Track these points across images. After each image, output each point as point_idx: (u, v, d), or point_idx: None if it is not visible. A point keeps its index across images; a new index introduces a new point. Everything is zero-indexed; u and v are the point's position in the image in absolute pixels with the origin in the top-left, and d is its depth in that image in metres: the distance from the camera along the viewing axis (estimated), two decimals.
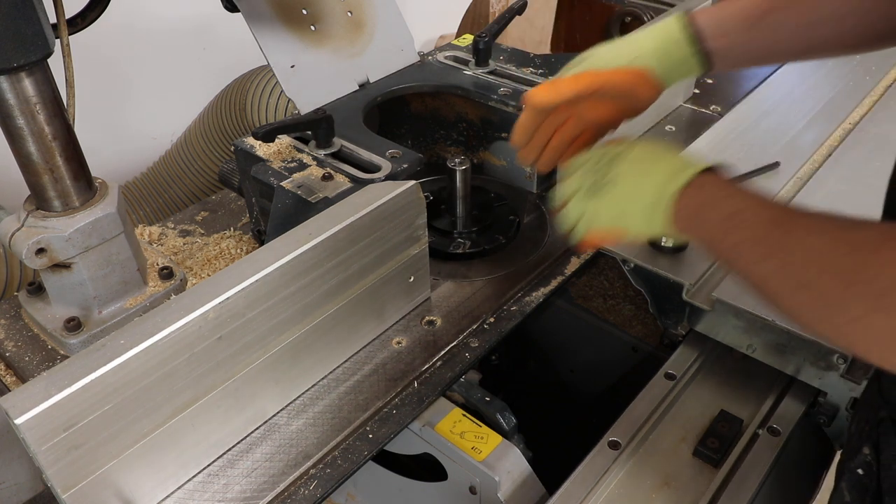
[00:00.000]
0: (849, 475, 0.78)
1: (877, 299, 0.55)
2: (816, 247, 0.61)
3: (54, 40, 0.84)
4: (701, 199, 0.74)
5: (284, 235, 0.84)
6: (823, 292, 0.59)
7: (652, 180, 0.78)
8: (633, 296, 1.24)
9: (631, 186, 0.80)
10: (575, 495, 0.85)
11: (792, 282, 0.63)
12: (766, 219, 0.67)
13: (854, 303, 0.57)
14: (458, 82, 1.26)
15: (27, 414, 0.65)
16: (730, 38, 0.89)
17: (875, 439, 0.76)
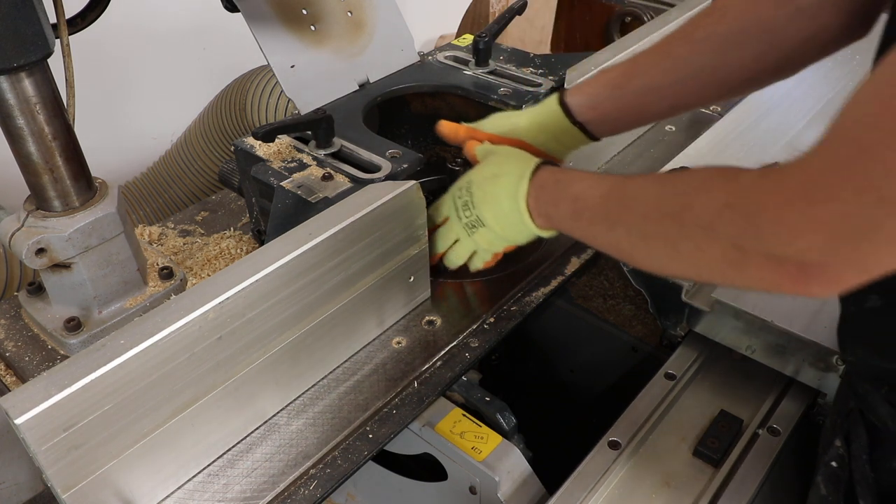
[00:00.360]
0: (824, 468, 0.80)
1: (705, 230, 0.62)
2: (648, 201, 0.70)
3: (54, 40, 0.84)
4: (545, 198, 0.85)
5: (284, 235, 0.84)
6: (665, 235, 0.68)
7: (504, 200, 0.89)
8: (633, 296, 1.24)
9: (493, 211, 0.91)
10: (575, 495, 0.85)
11: (639, 238, 0.71)
12: (601, 195, 0.77)
13: (689, 237, 0.65)
14: (458, 82, 1.26)
15: (27, 414, 0.65)
16: (599, 110, 0.99)
17: (846, 431, 0.78)
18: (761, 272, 0.59)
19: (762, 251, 0.58)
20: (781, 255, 0.56)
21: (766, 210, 0.56)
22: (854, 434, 0.76)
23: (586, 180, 0.80)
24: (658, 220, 0.68)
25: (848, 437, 0.77)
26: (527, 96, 1.20)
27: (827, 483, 0.79)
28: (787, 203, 0.55)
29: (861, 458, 0.75)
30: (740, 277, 0.62)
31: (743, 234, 0.59)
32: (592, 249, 1.14)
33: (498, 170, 0.91)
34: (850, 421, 0.77)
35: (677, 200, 0.66)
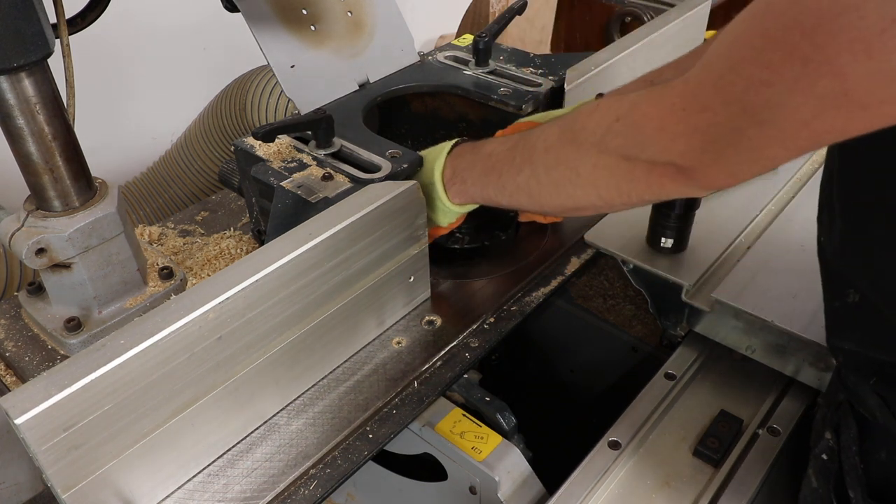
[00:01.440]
0: (814, 461, 0.81)
1: (598, 147, 0.70)
2: (550, 137, 0.78)
3: (54, 40, 0.84)
4: (462, 165, 0.92)
5: (284, 235, 0.84)
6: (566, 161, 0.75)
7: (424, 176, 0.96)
8: (633, 296, 1.24)
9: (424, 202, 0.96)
10: (575, 495, 0.85)
11: (544, 171, 0.78)
12: (509, 147, 0.85)
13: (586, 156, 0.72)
14: (458, 82, 1.26)
15: (27, 414, 0.65)
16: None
17: (835, 423, 0.79)
18: (648, 178, 0.67)
19: (646, 158, 0.65)
20: (663, 160, 0.64)
21: (650, 119, 0.64)
22: (844, 426, 0.77)
23: (497, 140, 0.89)
24: (558, 149, 0.76)
25: (838, 429, 0.78)
26: (527, 96, 1.20)
27: (818, 475, 0.80)
28: (667, 112, 0.62)
29: (850, 450, 0.76)
30: (632, 188, 0.69)
31: (630, 144, 0.66)
32: (592, 249, 1.14)
33: (425, 155, 0.99)
34: (840, 413, 0.78)
35: (574, 126, 0.74)
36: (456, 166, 0.93)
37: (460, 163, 0.93)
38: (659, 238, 1.04)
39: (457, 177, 0.93)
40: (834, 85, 0.50)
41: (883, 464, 0.74)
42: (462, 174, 0.92)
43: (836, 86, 0.50)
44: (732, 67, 0.56)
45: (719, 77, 0.58)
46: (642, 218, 1.08)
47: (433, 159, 0.96)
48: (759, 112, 0.55)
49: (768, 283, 0.99)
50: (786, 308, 0.94)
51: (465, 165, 0.92)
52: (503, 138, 0.88)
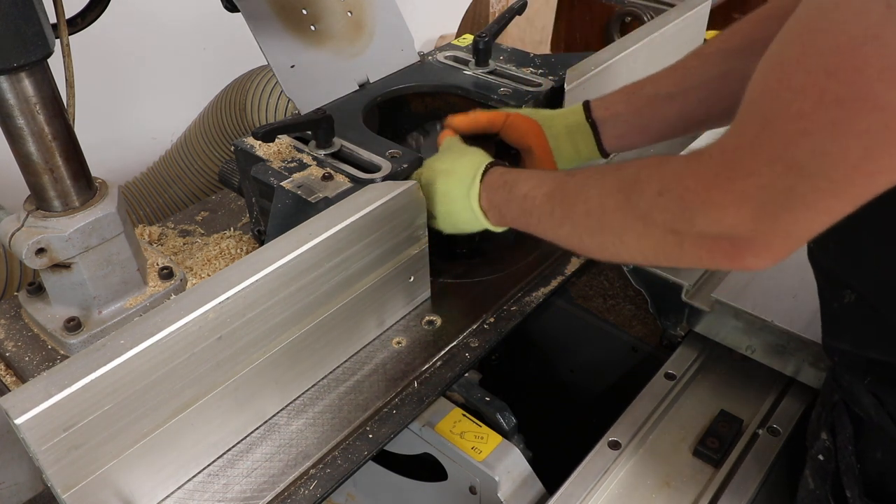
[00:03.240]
0: (811, 462, 0.81)
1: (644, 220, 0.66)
2: (590, 199, 0.74)
3: (54, 40, 0.84)
4: (497, 199, 0.89)
5: (284, 235, 0.84)
6: (609, 229, 0.72)
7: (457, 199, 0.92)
8: (633, 296, 1.24)
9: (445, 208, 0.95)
10: (575, 495, 0.85)
11: (586, 232, 0.75)
12: (545, 194, 0.81)
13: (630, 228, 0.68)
14: (458, 82, 1.26)
15: (27, 414, 0.65)
16: (612, 110, 1.01)
17: (831, 424, 0.79)
18: (698, 252, 0.63)
19: (695, 232, 0.61)
20: (713, 234, 0.60)
21: (694, 192, 0.60)
22: (839, 426, 0.77)
23: (532, 180, 0.84)
24: (600, 216, 0.72)
25: (833, 429, 0.78)
26: (527, 96, 1.20)
27: (814, 476, 0.80)
28: (710, 183, 0.59)
29: (847, 450, 0.76)
30: (681, 258, 0.66)
31: (677, 219, 0.62)
32: None
33: (450, 167, 0.94)
34: (836, 413, 0.78)
35: (616, 196, 0.70)
36: (492, 199, 0.89)
37: (496, 197, 0.89)
38: None
39: (494, 208, 0.90)
40: (874, 119, 0.48)
41: (879, 462, 0.74)
42: (500, 208, 0.89)
43: (877, 119, 0.48)
44: (766, 125, 0.54)
45: (755, 137, 0.55)
46: None
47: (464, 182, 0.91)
48: (804, 165, 0.52)
49: (768, 283, 0.99)
50: (786, 308, 0.94)
51: (500, 201, 0.88)
52: (536, 180, 0.84)
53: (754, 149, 0.55)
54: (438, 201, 0.94)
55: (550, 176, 0.83)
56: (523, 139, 1.03)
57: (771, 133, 0.54)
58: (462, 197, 0.91)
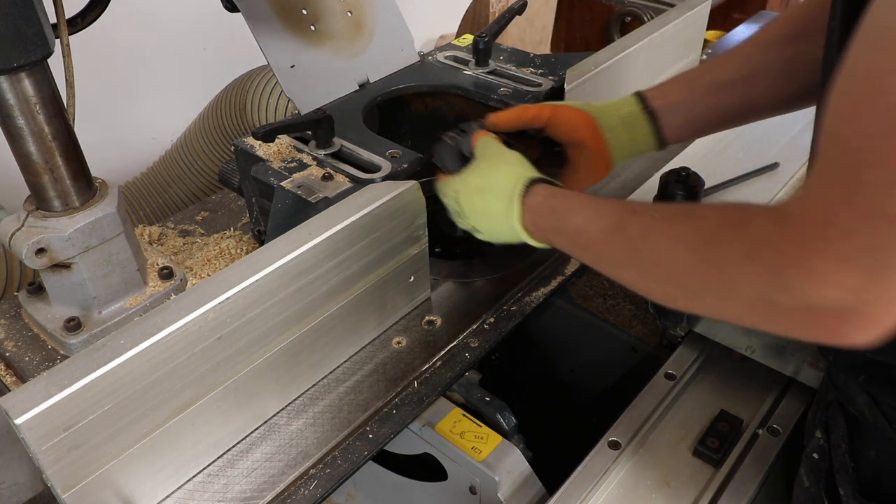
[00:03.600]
0: (805, 460, 0.80)
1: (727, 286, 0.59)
2: (659, 249, 0.66)
3: (54, 40, 0.84)
4: (545, 226, 0.81)
5: (284, 235, 0.84)
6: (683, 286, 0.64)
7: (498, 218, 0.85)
8: (633, 296, 1.24)
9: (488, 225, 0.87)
10: (575, 495, 0.85)
11: (654, 283, 0.68)
12: (603, 231, 0.73)
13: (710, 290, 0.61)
14: (458, 82, 1.26)
15: (27, 414, 0.65)
16: (670, 99, 0.96)
17: (825, 422, 0.78)
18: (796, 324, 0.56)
19: (793, 304, 0.54)
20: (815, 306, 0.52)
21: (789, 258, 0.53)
22: (833, 424, 0.77)
23: (584, 210, 0.76)
24: (673, 270, 0.64)
25: (827, 427, 0.78)
26: (527, 96, 1.20)
27: (809, 474, 0.80)
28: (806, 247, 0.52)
29: (840, 448, 0.75)
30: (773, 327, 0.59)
31: (770, 288, 0.55)
32: None
33: (484, 182, 0.86)
34: (830, 412, 0.78)
35: (692, 254, 0.62)
36: (537, 223, 0.81)
37: (542, 223, 0.81)
38: None
39: (540, 232, 0.82)
40: None
41: (873, 461, 0.74)
42: (546, 234, 0.81)
43: None
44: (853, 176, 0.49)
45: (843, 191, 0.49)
46: None
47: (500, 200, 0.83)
48: None
49: None
50: None
51: (548, 228, 0.80)
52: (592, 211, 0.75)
53: (846, 204, 0.49)
54: (479, 218, 0.88)
55: (606, 209, 0.74)
56: (575, 133, 0.95)
57: (861, 185, 0.48)
58: (501, 215, 0.84)
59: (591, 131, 0.95)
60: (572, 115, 0.96)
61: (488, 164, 0.88)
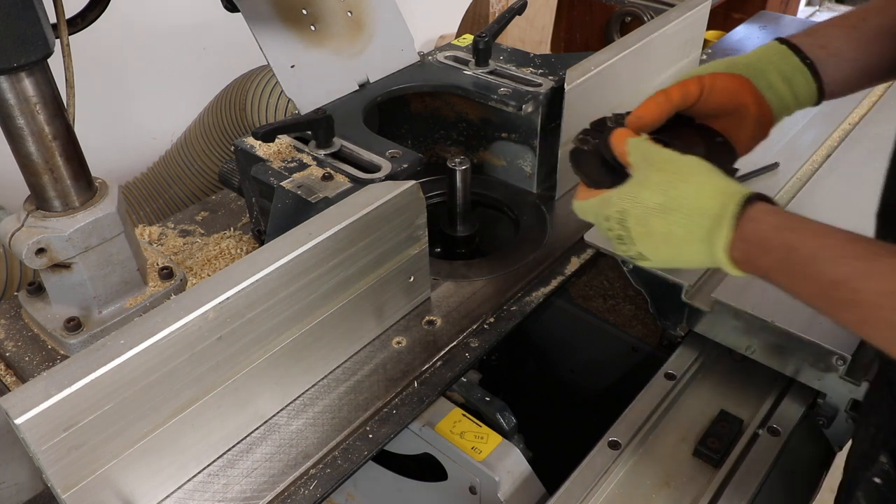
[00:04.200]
0: (865, 484, 0.75)
1: None
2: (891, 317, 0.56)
3: (54, 40, 0.84)
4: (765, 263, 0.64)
5: (284, 235, 0.84)
6: None
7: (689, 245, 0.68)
8: (633, 296, 1.24)
9: (666, 254, 0.71)
10: (575, 495, 0.85)
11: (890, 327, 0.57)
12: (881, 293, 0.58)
13: None
14: (458, 82, 1.26)
15: (27, 414, 0.65)
16: (830, 49, 0.81)
17: (892, 447, 0.73)
18: None
19: None
20: None
21: None
22: None
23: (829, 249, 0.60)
24: None
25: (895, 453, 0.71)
26: (527, 96, 1.20)
27: (868, 498, 0.74)
28: None
29: None
30: None
31: None
32: (592, 249, 1.14)
33: (666, 200, 0.68)
34: None
35: None
36: (753, 258, 0.65)
37: (762, 258, 0.64)
38: None
39: (754, 268, 0.66)
40: None
41: None
42: (767, 272, 0.65)
43: None
44: None
45: None
46: None
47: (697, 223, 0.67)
48: None
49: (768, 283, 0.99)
50: (786, 308, 0.94)
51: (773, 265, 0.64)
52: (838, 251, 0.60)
53: None
54: (655, 245, 0.71)
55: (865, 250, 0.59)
56: (736, 98, 0.80)
57: None
58: (695, 241, 0.67)
59: (752, 95, 0.80)
60: (729, 82, 0.80)
61: (664, 175, 0.70)
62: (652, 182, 0.70)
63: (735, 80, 0.80)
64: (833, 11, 2.05)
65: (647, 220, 0.70)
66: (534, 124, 1.23)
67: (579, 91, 1.18)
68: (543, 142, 1.25)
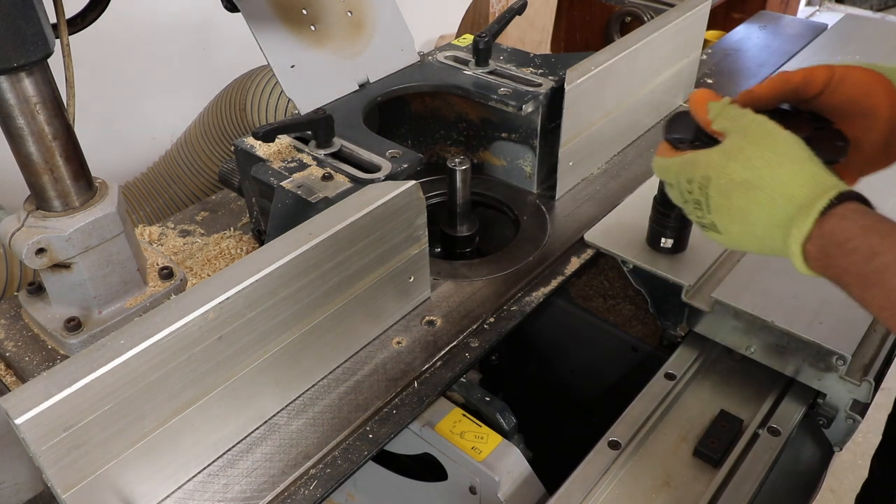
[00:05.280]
0: None
1: None
2: None
3: (54, 40, 0.84)
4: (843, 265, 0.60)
5: (284, 235, 0.84)
6: None
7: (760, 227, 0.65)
8: (633, 296, 1.24)
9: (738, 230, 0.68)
10: (575, 495, 0.85)
11: None
12: None
13: None
14: (458, 82, 1.26)
15: (27, 414, 0.65)
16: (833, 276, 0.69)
17: None
18: None
19: None
20: None
21: None
22: None
23: None
24: None
25: None
26: (527, 96, 1.20)
27: None
28: None
29: None
30: None
31: None
32: (592, 249, 1.14)
33: (753, 176, 0.65)
34: None
35: None
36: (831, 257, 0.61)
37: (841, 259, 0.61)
38: (659, 238, 1.04)
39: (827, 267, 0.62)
40: None
41: None
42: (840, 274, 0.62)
43: None
44: None
45: None
46: (642, 218, 1.08)
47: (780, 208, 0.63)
48: None
49: (768, 283, 0.99)
50: (786, 308, 0.94)
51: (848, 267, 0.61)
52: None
53: None
54: (731, 218, 0.68)
55: None
56: (868, 96, 0.72)
57: None
58: (772, 225, 0.64)
59: (889, 96, 0.71)
60: (861, 77, 0.72)
61: (758, 150, 0.66)
62: (744, 155, 0.66)
63: (872, 76, 0.72)
64: (833, 11, 2.05)
65: (730, 193, 0.66)
66: (534, 124, 1.23)
67: (579, 91, 1.18)
68: (543, 142, 1.25)
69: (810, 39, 1.82)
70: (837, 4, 2.17)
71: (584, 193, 1.29)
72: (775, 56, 1.75)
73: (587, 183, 1.32)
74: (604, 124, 1.30)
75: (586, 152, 1.30)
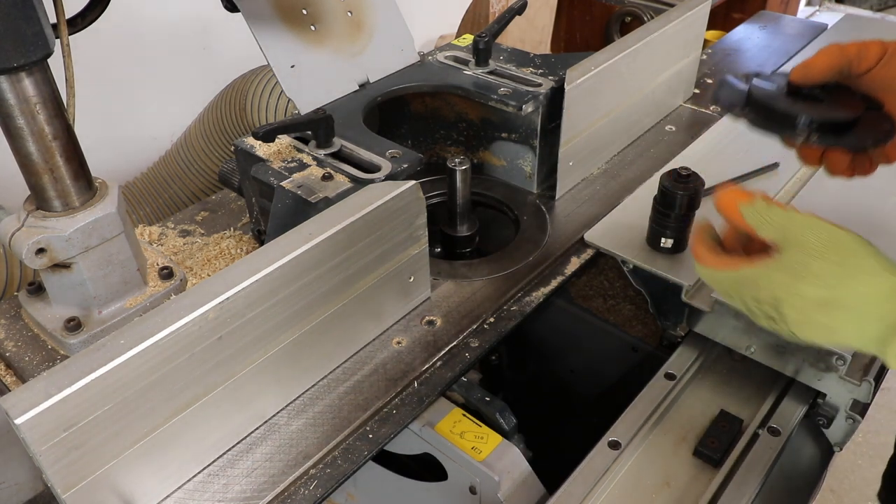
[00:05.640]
0: None
1: None
2: None
3: (54, 40, 0.84)
4: None
5: (284, 235, 0.84)
6: None
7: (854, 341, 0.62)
8: (633, 296, 1.24)
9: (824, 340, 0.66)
10: (575, 495, 0.85)
11: None
12: None
13: None
14: (458, 82, 1.26)
15: (27, 414, 0.65)
16: None
17: None
18: None
19: None
20: None
21: None
22: None
23: None
24: None
25: None
26: (527, 96, 1.20)
27: None
28: None
29: None
30: None
31: None
32: (592, 249, 1.14)
33: (831, 296, 0.62)
34: None
35: None
36: None
37: None
38: (659, 238, 1.04)
39: None
40: None
41: None
42: None
43: None
44: None
45: None
46: (642, 218, 1.08)
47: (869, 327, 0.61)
48: None
49: None
50: None
51: None
52: None
53: None
54: (813, 331, 0.65)
55: None
56: None
57: None
58: (864, 340, 0.62)
59: None
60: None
61: (827, 266, 0.62)
62: (811, 273, 0.62)
63: None
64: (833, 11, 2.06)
65: (808, 312, 0.63)
66: (534, 124, 1.23)
67: (579, 91, 1.18)
68: (543, 142, 1.25)
69: (810, 39, 1.82)
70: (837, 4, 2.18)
71: (584, 193, 1.29)
72: (775, 56, 1.75)
73: (587, 183, 1.32)
74: (604, 124, 1.30)
75: (586, 152, 1.30)
